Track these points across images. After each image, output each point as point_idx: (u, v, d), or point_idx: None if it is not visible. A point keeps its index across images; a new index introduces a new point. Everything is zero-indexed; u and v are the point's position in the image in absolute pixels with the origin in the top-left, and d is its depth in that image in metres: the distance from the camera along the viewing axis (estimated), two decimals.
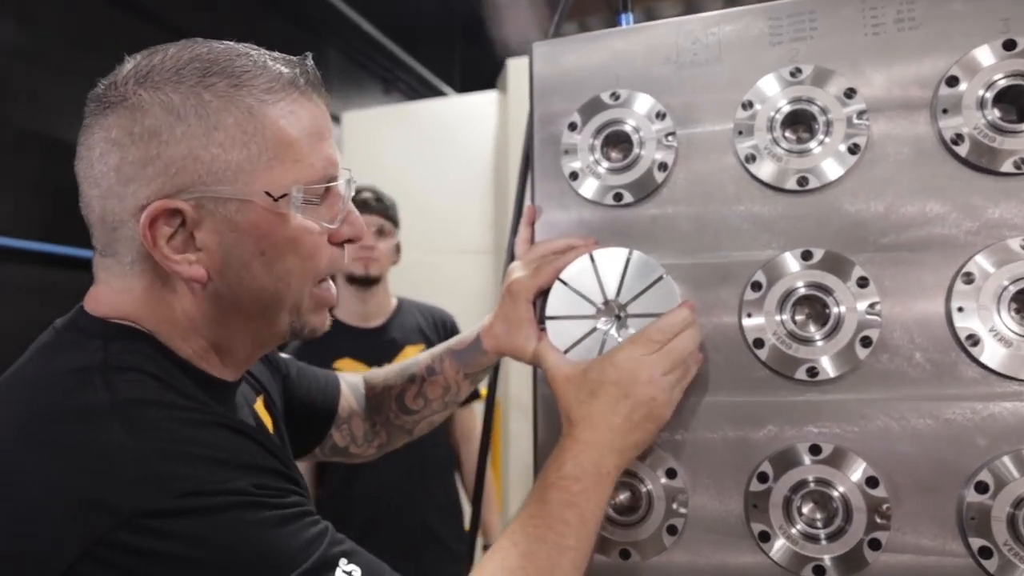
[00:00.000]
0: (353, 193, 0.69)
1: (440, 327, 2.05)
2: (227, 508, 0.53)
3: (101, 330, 0.62)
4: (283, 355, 1.00)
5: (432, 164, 3.32)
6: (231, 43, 0.64)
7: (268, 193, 0.61)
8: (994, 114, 0.74)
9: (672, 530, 0.80)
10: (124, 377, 0.58)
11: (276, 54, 0.65)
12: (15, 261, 3.11)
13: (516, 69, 3.00)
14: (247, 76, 0.61)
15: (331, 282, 0.71)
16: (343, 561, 0.55)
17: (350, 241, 0.70)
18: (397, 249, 2.06)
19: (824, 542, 0.75)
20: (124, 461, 0.52)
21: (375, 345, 1.93)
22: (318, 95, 0.66)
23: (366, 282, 1.96)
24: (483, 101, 3.26)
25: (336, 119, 5.06)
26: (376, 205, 1.98)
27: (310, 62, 0.66)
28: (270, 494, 0.56)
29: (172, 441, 0.55)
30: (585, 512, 0.71)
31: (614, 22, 0.97)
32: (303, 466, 1.81)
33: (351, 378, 1.06)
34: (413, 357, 1.05)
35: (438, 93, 5.92)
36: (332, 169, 0.66)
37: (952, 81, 0.75)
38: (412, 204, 2.57)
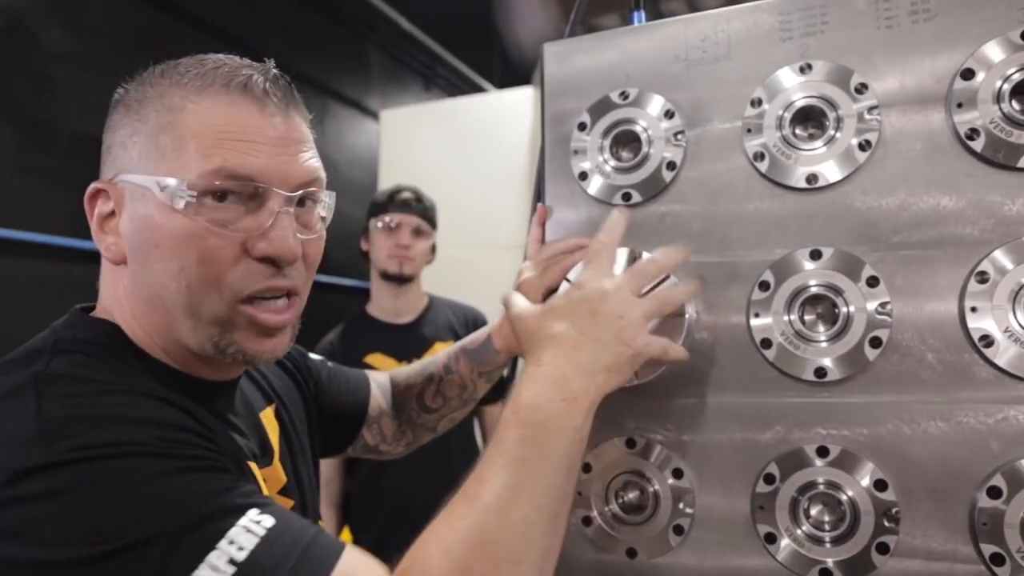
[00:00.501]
0: (293, 209, 0.64)
1: (471, 324, 2.07)
2: (116, 456, 0.51)
3: (78, 321, 0.66)
4: (315, 356, 1.02)
5: (469, 160, 3.34)
6: (228, 56, 0.67)
7: (158, 182, 0.61)
8: (1011, 107, 0.71)
9: (678, 530, 0.80)
10: (64, 357, 0.59)
11: (249, 61, 0.67)
12: (72, 260, 3.24)
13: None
14: (189, 75, 0.64)
15: (281, 308, 0.66)
16: (254, 511, 0.52)
17: (272, 261, 0.63)
18: (432, 249, 2.09)
19: (831, 545, 0.74)
20: (23, 426, 0.52)
21: (406, 341, 1.96)
22: (274, 104, 0.64)
23: (400, 280, 1.99)
24: (519, 97, 3.27)
25: (375, 116, 5.14)
26: (416, 206, 2.01)
27: (273, 70, 0.66)
28: (173, 447, 0.53)
29: (76, 407, 0.54)
30: (547, 445, 0.62)
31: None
32: (330, 460, 1.85)
33: (380, 378, 1.08)
34: (432, 356, 1.07)
35: (478, 89, 5.94)
36: (245, 172, 0.61)
37: (968, 74, 0.73)
38: (449, 200, 2.59)
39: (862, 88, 0.77)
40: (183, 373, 0.67)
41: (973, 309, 0.71)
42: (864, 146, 0.76)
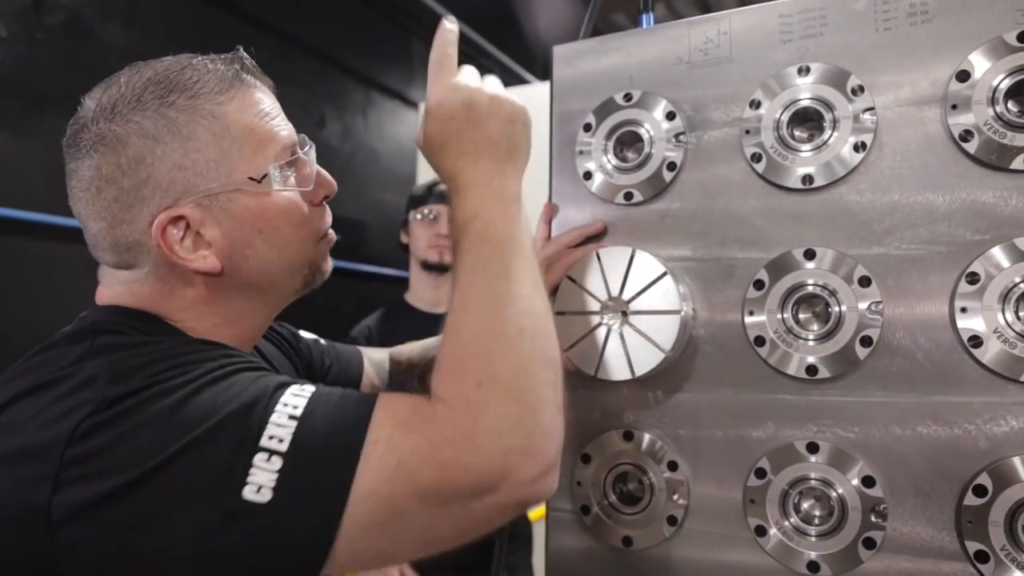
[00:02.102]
0: (314, 154, 0.75)
1: None
2: (185, 374, 0.58)
3: (99, 310, 0.71)
4: (306, 335, 1.05)
5: None
6: (169, 58, 0.71)
7: (251, 178, 0.69)
8: (1006, 109, 0.71)
9: (672, 520, 0.83)
10: (106, 336, 0.65)
11: (213, 55, 0.72)
12: None
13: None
14: (198, 86, 0.68)
15: (331, 232, 0.78)
16: (296, 385, 0.59)
17: (327, 198, 0.76)
18: None
19: (819, 539, 0.76)
20: (99, 372, 0.58)
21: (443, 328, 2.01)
22: (259, 80, 0.73)
23: (440, 269, 2.03)
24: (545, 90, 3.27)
25: (416, 107, 5.19)
26: None
27: (243, 53, 0.73)
28: (231, 362, 0.61)
29: (140, 355, 0.61)
30: (501, 234, 0.65)
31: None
32: None
33: (375, 355, 1.12)
34: (438, 337, 1.10)
35: (520, 79, 5.95)
36: (292, 140, 0.72)
37: (963, 76, 0.73)
38: None
39: (859, 90, 0.78)
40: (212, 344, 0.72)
41: (963, 310, 0.72)
42: (859, 147, 0.77)
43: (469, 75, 0.72)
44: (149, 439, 0.54)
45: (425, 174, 3.66)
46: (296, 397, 0.57)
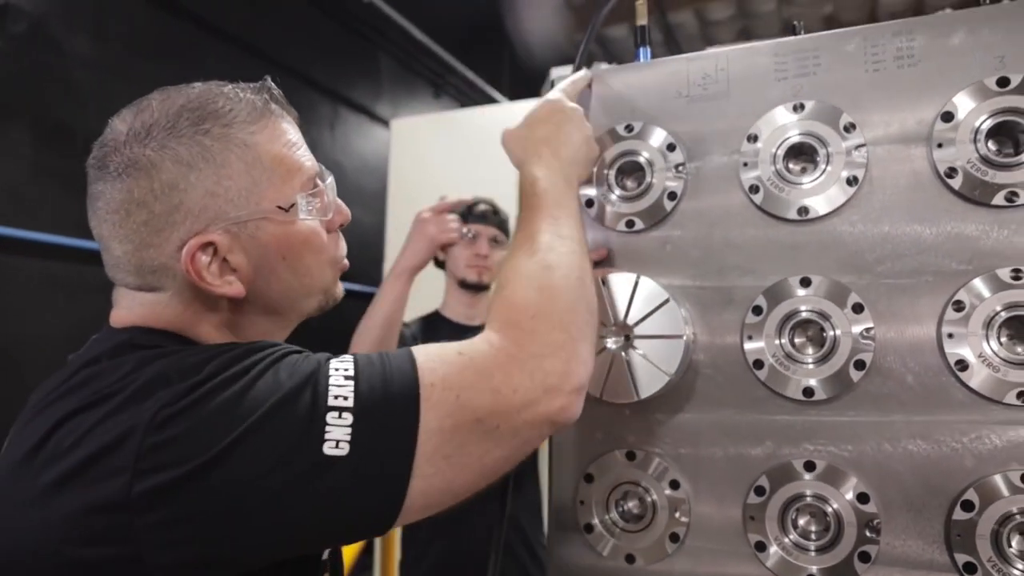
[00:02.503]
0: (333, 184, 0.78)
1: None
2: (250, 357, 0.63)
3: (125, 331, 0.71)
4: None
5: (479, 171, 3.39)
6: (199, 85, 0.73)
7: (280, 207, 0.71)
8: (987, 149, 0.77)
9: (674, 538, 0.86)
10: (144, 351, 0.66)
11: (243, 84, 0.74)
12: (84, 261, 3.32)
13: (559, 77, 3.05)
14: (232, 115, 0.69)
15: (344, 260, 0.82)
16: (334, 359, 0.65)
17: (341, 226, 0.80)
18: None
19: (816, 553, 0.79)
20: (163, 372, 0.61)
21: None
22: (285, 111, 0.76)
23: (478, 288, 2.04)
24: (529, 108, 3.32)
25: (384, 123, 5.20)
26: (493, 217, 2.08)
27: (271, 83, 0.75)
28: (284, 350, 0.66)
29: (202, 351, 0.65)
30: (567, 206, 0.81)
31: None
32: None
33: None
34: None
35: (487, 98, 6.01)
36: (315, 170, 0.75)
37: (947, 116, 0.78)
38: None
39: (850, 127, 0.82)
40: None
41: (950, 335, 0.76)
42: (852, 181, 0.82)
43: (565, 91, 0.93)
44: (226, 418, 0.57)
45: (395, 191, 3.66)
46: (343, 363, 0.64)
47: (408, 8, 5.03)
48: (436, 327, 2.06)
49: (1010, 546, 0.73)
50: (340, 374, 0.62)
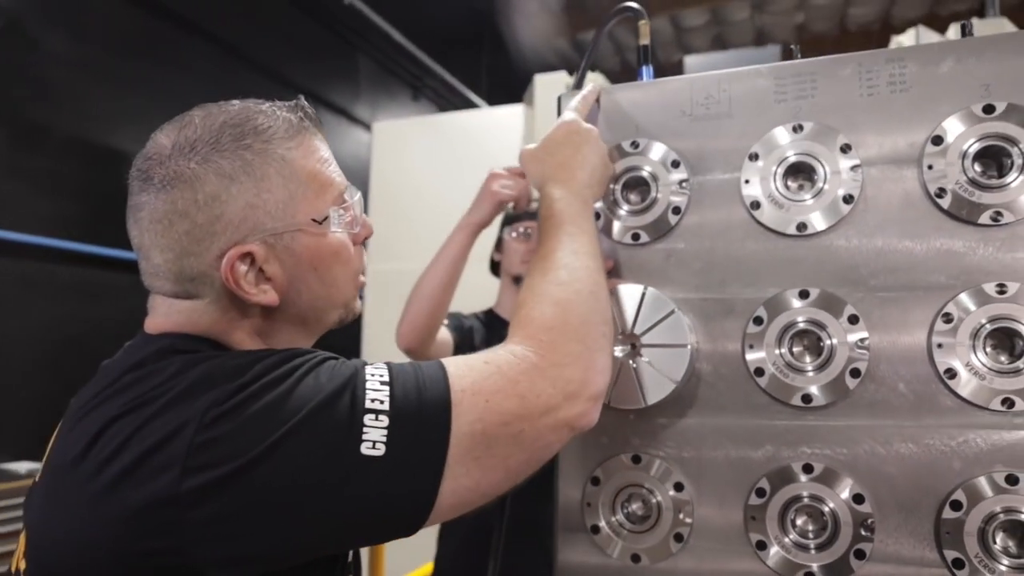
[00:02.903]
0: (361, 199, 0.81)
1: None
2: (289, 362, 0.66)
3: (163, 337, 0.73)
4: None
5: (459, 175, 3.41)
6: (238, 102, 0.76)
7: (314, 219, 0.75)
8: (974, 171, 0.82)
9: (678, 538, 0.90)
10: (187, 355, 0.69)
11: (278, 103, 0.77)
12: (58, 260, 3.27)
13: (543, 84, 3.09)
14: (270, 132, 0.73)
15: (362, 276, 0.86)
16: (371, 366, 0.69)
17: (365, 240, 0.84)
18: None
19: (814, 551, 0.84)
20: (209, 373, 0.64)
21: None
22: (317, 128, 0.79)
23: None
24: (510, 114, 3.36)
25: (364, 125, 5.19)
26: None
27: (304, 102, 0.79)
28: (323, 357, 0.69)
29: (244, 355, 0.68)
30: (583, 223, 0.85)
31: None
32: None
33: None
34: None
35: (465, 101, 6.03)
36: (344, 185, 0.79)
37: (937, 140, 0.84)
38: (439, 213, 2.67)
39: (847, 148, 0.87)
40: None
41: (939, 345, 0.81)
42: (848, 199, 0.86)
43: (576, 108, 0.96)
44: (272, 418, 0.60)
45: (377, 194, 3.67)
46: (378, 368, 0.68)
47: (388, 11, 5.04)
48: (492, 324, 2.07)
49: (995, 543, 0.78)
50: (376, 379, 0.66)
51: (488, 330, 2.04)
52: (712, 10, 6.53)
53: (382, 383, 0.65)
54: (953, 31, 2.55)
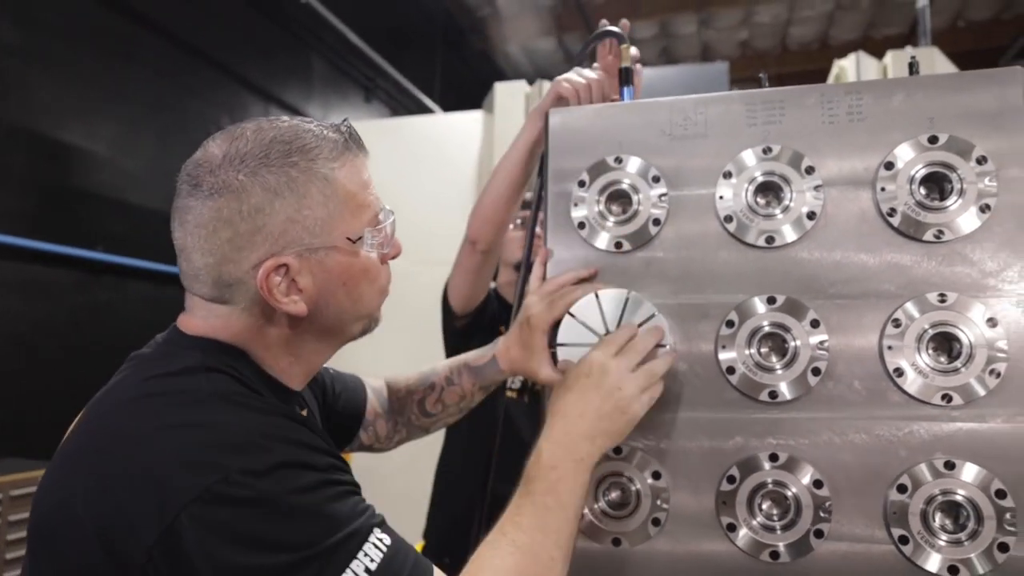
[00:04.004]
0: (394, 220, 0.86)
1: None
2: (301, 478, 0.66)
3: (197, 343, 0.77)
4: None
5: (416, 179, 3.46)
6: (288, 119, 0.80)
7: (348, 238, 0.79)
8: (920, 193, 0.93)
9: (656, 522, 0.98)
10: (217, 375, 0.73)
11: (324, 123, 0.82)
12: (7, 258, 3.18)
13: (503, 92, 3.17)
14: (316, 151, 0.78)
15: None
16: (376, 531, 0.69)
17: (393, 258, 0.89)
18: None
19: (779, 532, 0.93)
20: (228, 433, 0.66)
21: None
22: (361, 150, 0.84)
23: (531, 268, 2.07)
24: (468, 120, 3.42)
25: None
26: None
27: (350, 126, 0.84)
28: (335, 473, 0.71)
29: (259, 422, 0.69)
30: (563, 496, 0.81)
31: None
32: None
33: (374, 383, 1.21)
34: (432, 367, 1.21)
35: (418, 103, 6.06)
36: (380, 206, 0.84)
37: (889, 165, 0.94)
38: (396, 215, 2.72)
39: (810, 169, 0.97)
40: (280, 383, 0.82)
41: (889, 347, 0.92)
42: (811, 216, 0.96)
43: (631, 357, 0.91)
44: (257, 538, 0.62)
45: None
46: (375, 549, 0.67)
47: (343, 11, 5.03)
48: (495, 307, 2.11)
49: (935, 521, 0.88)
50: (361, 564, 0.65)
51: (490, 308, 2.09)
52: (660, 24, 6.74)
53: (365, 570, 0.65)
54: (890, 57, 2.74)
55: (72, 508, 0.64)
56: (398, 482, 2.61)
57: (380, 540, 0.68)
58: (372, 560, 0.65)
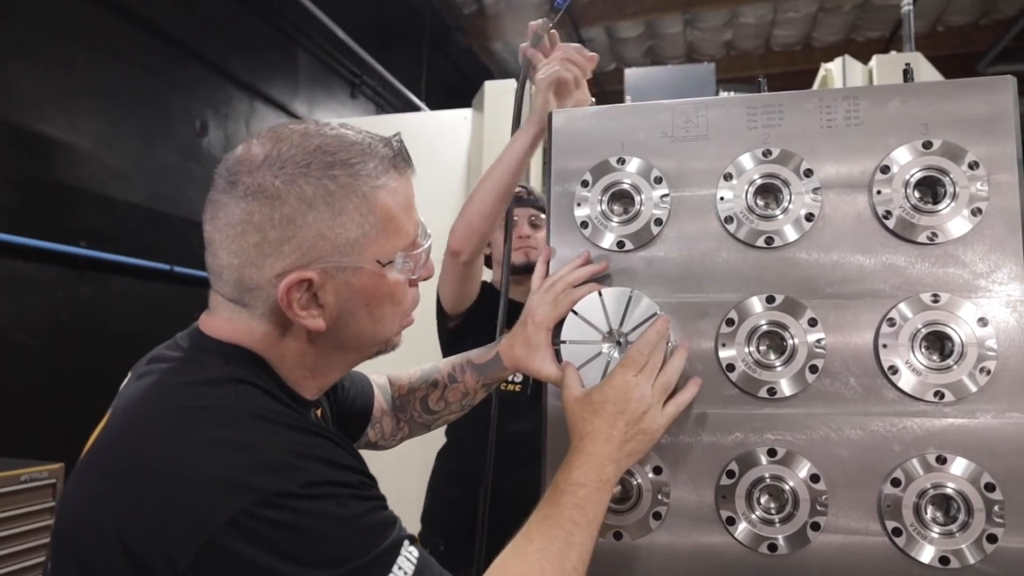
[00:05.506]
0: (431, 243, 0.84)
1: None
2: (335, 496, 0.67)
3: (221, 349, 0.77)
4: None
5: None
6: (338, 128, 0.78)
7: (378, 261, 0.77)
8: (915, 197, 0.96)
9: (657, 516, 1.00)
10: (243, 387, 0.72)
11: (374, 135, 0.80)
12: None
13: (493, 90, 3.18)
14: (360, 165, 0.75)
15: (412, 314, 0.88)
16: (406, 543, 0.69)
17: (424, 279, 0.87)
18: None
19: (777, 525, 0.96)
20: (262, 452, 0.66)
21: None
22: (409, 168, 0.82)
23: (526, 270, 2.03)
24: (458, 118, 3.42)
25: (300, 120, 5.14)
26: (528, 199, 2.07)
27: (401, 141, 0.82)
28: (365, 489, 0.71)
29: (291, 441, 0.69)
30: (589, 513, 0.84)
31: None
32: None
33: (379, 380, 1.22)
34: (434, 364, 1.22)
35: (404, 100, 6.05)
36: (417, 231, 0.82)
37: (885, 169, 0.97)
38: None
39: (808, 172, 1.00)
40: (296, 393, 0.81)
41: (884, 346, 0.95)
42: (809, 217, 0.99)
43: (651, 376, 0.93)
44: (294, 555, 0.62)
45: None
46: (407, 562, 0.68)
47: (330, 7, 5.01)
48: (492, 304, 2.10)
49: (927, 514, 0.92)
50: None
51: (484, 310, 2.08)
52: (646, 23, 6.78)
53: None
54: (875, 61, 2.79)
55: (98, 520, 0.64)
56: (392, 472, 2.62)
57: (411, 553, 0.69)
58: (406, 573, 0.66)
